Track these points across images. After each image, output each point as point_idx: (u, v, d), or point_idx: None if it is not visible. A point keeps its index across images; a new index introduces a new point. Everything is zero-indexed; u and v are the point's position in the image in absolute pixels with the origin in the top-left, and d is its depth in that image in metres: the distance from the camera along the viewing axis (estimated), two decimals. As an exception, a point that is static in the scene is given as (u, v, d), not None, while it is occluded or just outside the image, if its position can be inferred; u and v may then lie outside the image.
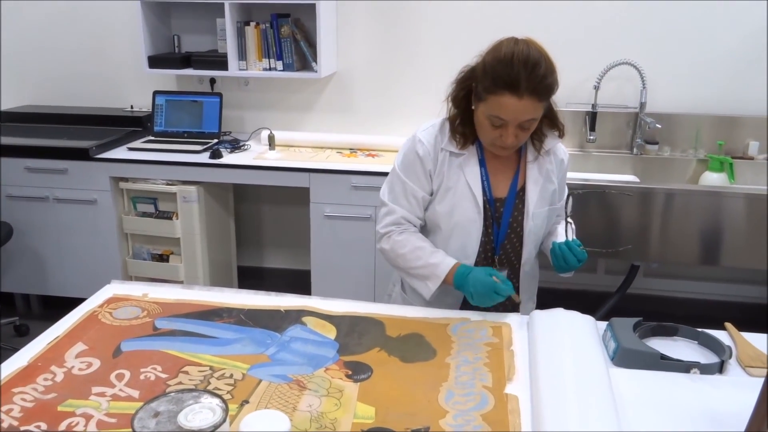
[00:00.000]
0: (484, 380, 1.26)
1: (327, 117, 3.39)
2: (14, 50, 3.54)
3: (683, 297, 3.31)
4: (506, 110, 1.46)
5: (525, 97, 1.44)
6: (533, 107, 1.46)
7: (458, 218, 1.63)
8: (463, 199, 1.62)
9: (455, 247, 1.65)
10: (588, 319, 1.44)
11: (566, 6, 3.03)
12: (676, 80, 3.05)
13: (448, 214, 1.63)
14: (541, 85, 1.45)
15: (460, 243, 1.65)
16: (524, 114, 1.47)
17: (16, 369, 1.28)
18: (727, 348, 1.34)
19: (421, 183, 1.65)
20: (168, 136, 3.23)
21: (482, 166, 1.63)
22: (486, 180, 1.63)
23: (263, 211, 3.60)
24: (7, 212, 3.08)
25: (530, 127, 1.52)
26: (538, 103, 1.47)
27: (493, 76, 1.45)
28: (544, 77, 1.45)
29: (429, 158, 1.63)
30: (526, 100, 1.44)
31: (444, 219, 1.64)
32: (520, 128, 1.50)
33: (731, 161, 2.91)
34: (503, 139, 1.51)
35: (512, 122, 1.48)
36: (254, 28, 3.09)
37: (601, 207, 2.63)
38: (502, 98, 1.45)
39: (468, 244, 1.64)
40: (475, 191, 1.61)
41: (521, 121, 1.48)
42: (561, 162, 1.70)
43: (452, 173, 1.63)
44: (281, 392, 1.22)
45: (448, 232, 1.65)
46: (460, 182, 1.62)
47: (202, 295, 1.63)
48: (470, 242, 1.64)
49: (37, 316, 3.36)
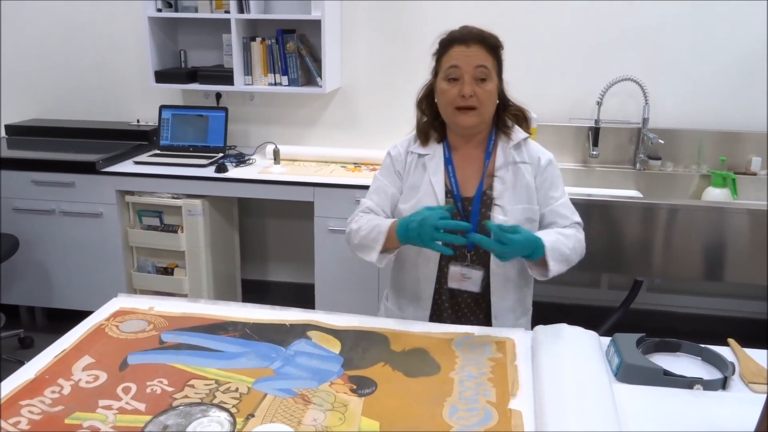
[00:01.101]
0: (488, 395, 1.27)
1: (331, 131, 3.41)
2: (22, 64, 3.58)
3: (686, 312, 3.31)
4: (458, 58, 1.60)
5: (471, 44, 1.60)
6: (482, 54, 1.60)
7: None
8: (425, 196, 1.67)
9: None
10: (591, 335, 1.44)
11: (569, 23, 3.05)
12: (679, 96, 3.07)
13: (412, 211, 1.64)
14: (483, 35, 1.62)
15: None
16: (475, 58, 1.59)
17: (24, 381, 1.29)
18: (730, 364, 1.34)
19: (392, 179, 1.75)
20: (174, 150, 3.25)
21: (449, 165, 1.69)
22: (453, 178, 1.68)
23: (268, 225, 3.62)
24: (14, 225, 3.10)
25: (486, 80, 1.60)
26: (486, 53, 1.60)
27: (440, 45, 1.65)
28: (485, 31, 1.63)
29: (399, 159, 1.75)
30: (473, 47, 1.60)
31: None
32: (477, 82, 1.59)
33: (734, 177, 2.92)
34: (463, 90, 1.59)
35: (466, 69, 1.59)
36: (260, 44, 3.12)
37: (605, 222, 2.64)
38: (452, 51, 1.61)
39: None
40: (436, 189, 1.66)
41: (474, 67, 1.59)
42: (537, 160, 1.70)
43: (417, 173, 1.71)
44: (286, 406, 1.22)
45: None
46: (424, 181, 1.69)
47: (208, 308, 1.64)
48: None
49: (42, 328, 3.37)
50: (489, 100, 1.62)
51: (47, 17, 3.48)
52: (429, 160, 1.70)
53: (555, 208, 1.69)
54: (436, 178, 1.68)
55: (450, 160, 1.70)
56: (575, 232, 1.68)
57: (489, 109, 1.64)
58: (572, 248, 1.62)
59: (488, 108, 1.63)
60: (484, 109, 1.62)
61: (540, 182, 1.69)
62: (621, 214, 2.63)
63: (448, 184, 1.68)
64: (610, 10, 3.01)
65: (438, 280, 1.70)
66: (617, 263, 2.71)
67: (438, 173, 1.69)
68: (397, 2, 3.15)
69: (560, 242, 1.58)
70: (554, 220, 1.69)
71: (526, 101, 3.10)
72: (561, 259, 1.58)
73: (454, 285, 1.67)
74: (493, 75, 1.62)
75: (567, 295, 3.36)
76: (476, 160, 1.70)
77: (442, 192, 1.67)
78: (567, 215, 1.70)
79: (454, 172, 1.69)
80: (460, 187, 1.68)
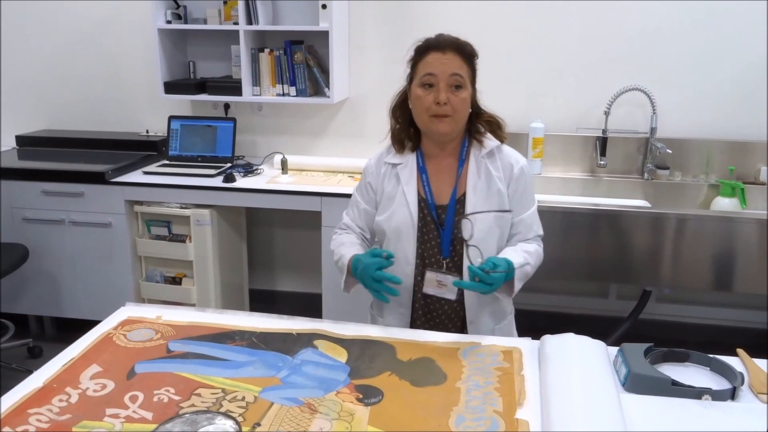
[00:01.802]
0: (495, 405, 1.26)
1: (339, 142, 3.43)
2: (32, 76, 3.62)
3: (696, 323, 3.29)
4: (433, 65, 1.60)
5: (447, 52, 1.61)
6: (458, 62, 1.61)
7: (396, 224, 1.69)
8: (400, 205, 1.70)
9: (397, 253, 1.68)
10: (599, 345, 1.44)
11: (576, 33, 3.06)
12: (687, 105, 3.06)
13: (387, 221, 1.71)
14: (459, 43, 1.62)
15: (401, 248, 1.69)
16: (450, 65, 1.60)
17: (32, 390, 1.30)
18: (739, 374, 1.33)
19: (362, 194, 1.80)
20: (182, 160, 3.27)
21: (423, 173, 1.71)
22: (427, 186, 1.70)
23: (275, 235, 3.63)
24: (24, 235, 3.12)
25: (461, 87, 1.61)
26: (461, 61, 1.61)
27: (416, 51, 1.66)
28: (461, 40, 1.64)
29: (370, 171, 1.78)
30: (449, 54, 1.60)
31: (385, 226, 1.72)
32: (451, 90, 1.60)
33: (743, 186, 2.91)
34: (438, 97, 1.59)
35: (442, 77, 1.60)
36: (268, 55, 3.14)
37: (613, 232, 2.63)
38: (427, 58, 1.62)
39: (407, 249, 1.69)
40: (409, 198, 1.68)
41: (449, 74, 1.59)
42: (510, 167, 1.70)
43: (392, 183, 1.73)
44: (292, 415, 1.22)
45: (390, 239, 1.72)
46: (399, 190, 1.71)
47: (215, 317, 1.65)
48: (408, 247, 1.69)
49: (51, 338, 3.39)
50: (463, 107, 1.63)
51: (57, 30, 3.52)
52: (402, 170, 1.72)
53: (523, 218, 1.72)
54: (409, 187, 1.70)
55: (424, 168, 1.72)
56: (537, 248, 1.73)
57: (463, 117, 1.65)
58: (534, 265, 1.69)
59: (462, 115, 1.65)
60: (458, 117, 1.63)
61: (512, 191, 1.70)
62: (629, 224, 2.62)
63: (422, 193, 1.70)
64: (618, 20, 3.01)
65: (415, 287, 1.72)
66: (626, 273, 2.70)
67: (411, 182, 1.70)
68: (405, 13, 3.17)
69: (527, 264, 1.65)
70: (519, 230, 1.73)
71: (533, 111, 3.15)
72: (524, 279, 1.67)
73: (431, 291, 1.68)
74: (468, 83, 1.63)
75: (575, 305, 3.34)
76: (450, 168, 1.72)
77: (415, 201, 1.69)
78: (532, 227, 1.74)
79: (428, 181, 1.71)
80: (434, 196, 1.70)
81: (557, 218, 2.66)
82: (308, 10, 3.14)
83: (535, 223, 1.75)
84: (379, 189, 1.76)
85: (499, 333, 1.73)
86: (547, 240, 2.68)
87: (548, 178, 3.11)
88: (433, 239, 1.68)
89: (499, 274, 1.52)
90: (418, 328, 1.72)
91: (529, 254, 1.67)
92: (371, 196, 1.78)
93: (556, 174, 3.14)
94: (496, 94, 3.18)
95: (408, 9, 3.17)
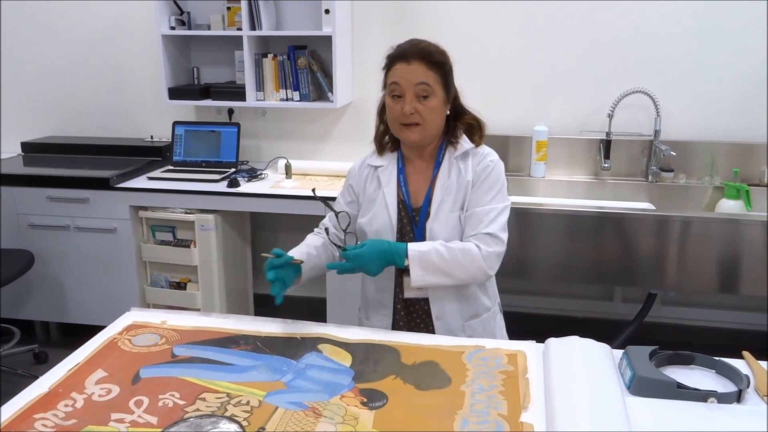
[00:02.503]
0: (499, 408, 1.26)
1: (342, 146, 3.43)
2: (37, 83, 3.64)
3: (701, 326, 3.27)
4: (399, 75, 1.61)
5: (413, 61, 1.60)
6: (423, 72, 1.59)
7: (376, 226, 1.71)
8: (380, 208, 1.71)
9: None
10: (603, 347, 1.43)
11: (579, 36, 3.06)
12: (691, 108, 3.06)
13: (369, 223, 1.73)
14: (425, 51, 1.61)
15: None
16: (415, 76, 1.59)
17: (37, 395, 1.30)
18: (745, 377, 1.32)
19: (344, 196, 1.82)
20: (187, 165, 3.28)
21: (402, 175, 1.73)
22: (405, 188, 1.72)
23: (280, 239, 3.63)
24: (29, 241, 3.14)
25: (428, 96, 1.60)
26: (428, 69, 1.60)
27: (386, 60, 1.66)
28: (429, 47, 1.63)
29: (353, 174, 1.81)
30: (414, 64, 1.60)
31: (366, 228, 1.73)
32: (418, 99, 1.60)
33: (747, 188, 2.90)
34: (404, 108, 1.60)
35: (407, 87, 1.60)
36: (272, 60, 3.15)
37: (617, 235, 2.63)
38: (395, 69, 1.62)
39: None
40: (388, 200, 1.70)
41: (414, 84, 1.59)
42: (479, 163, 1.69)
43: (373, 185, 1.75)
44: (297, 419, 1.22)
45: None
46: (379, 192, 1.73)
47: (220, 322, 1.65)
48: None
49: (56, 343, 3.39)
50: (432, 116, 1.62)
51: (62, 37, 3.54)
52: (382, 172, 1.74)
53: (475, 211, 1.64)
54: (389, 189, 1.72)
55: (403, 171, 1.74)
56: (466, 245, 1.60)
57: (433, 124, 1.64)
58: (449, 259, 1.58)
59: (432, 123, 1.64)
60: (427, 125, 1.63)
61: (474, 180, 1.67)
62: (634, 227, 2.61)
63: (401, 195, 1.71)
64: (621, 23, 3.01)
65: (396, 288, 1.73)
66: (630, 276, 2.70)
67: (390, 184, 1.72)
68: (408, 16, 3.18)
69: (434, 252, 1.58)
70: (467, 225, 1.65)
71: (537, 114, 3.15)
72: (431, 269, 1.58)
73: (411, 295, 1.70)
74: (437, 90, 1.61)
75: (580, 308, 3.34)
76: (426, 171, 1.73)
77: (394, 203, 1.70)
78: (481, 224, 1.62)
79: (406, 183, 1.72)
80: (412, 198, 1.72)
81: (562, 221, 2.66)
82: (311, 15, 3.16)
83: (486, 221, 1.62)
84: (360, 192, 1.78)
85: (469, 330, 1.72)
86: (551, 243, 2.70)
87: (552, 181, 3.11)
88: (410, 241, 1.69)
89: (363, 249, 1.56)
90: (400, 329, 1.74)
91: (446, 248, 1.59)
92: (352, 198, 1.80)
93: (561, 177, 3.14)
94: (499, 98, 3.22)
95: (411, 12, 3.17)
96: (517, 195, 3.11)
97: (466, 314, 1.74)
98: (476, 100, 1.78)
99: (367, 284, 1.81)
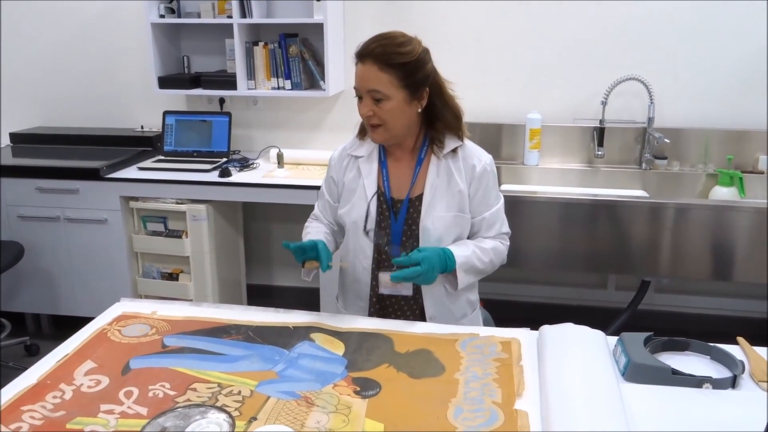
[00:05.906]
0: (494, 396, 1.25)
1: (335, 135, 3.41)
2: (26, 73, 3.59)
3: (695, 313, 3.28)
4: (357, 77, 1.59)
5: (367, 63, 1.55)
6: (374, 75, 1.54)
7: (354, 217, 1.70)
8: (359, 199, 1.70)
9: (356, 244, 1.70)
10: (598, 334, 1.42)
11: (573, 23, 3.04)
12: (684, 95, 3.05)
13: (348, 214, 1.72)
14: (382, 52, 1.53)
15: (359, 241, 1.70)
16: (367, 80, 1.56)
17: (26, 387, 1.28)
18: (740, 363, 1.32)
19: (327, 187, 1.80)
20: (178, 155, 3.25)
21: (384, 167, 1.71)
22: (386, 180, 1.70)
23: (272, 229, 3.61)
24: (19, 232, 3.10)
25: (383, 100, 1.56)
26: (379, 71, 1.54)
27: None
28: (386, 46, 1.54)
29: (333, 164, 1.78)
30: (367, 65, 1.55)
31: (346, 218, 1.72)
32: (374, 102, 1.57)
33: (741, 175, 2.90)
34: (360, 110, 1.60)
35: (362, 90, 1.58)
36: (263, 48, 3.12)
37: (611, 223, 2.62)
38: (356, 69, 1.59)
39: (364, 243, 1.70)
40: (368, 191, 1.69)
41: (367, 89, 1.56)
42: (472, 167, 1.67)
43: (353, 175, 1.73)
44: (289, 409, 1.21)
45: (350, 231, 1.72)
46: (359, 183, 1.71)
47: (211, 312, 1.63)
48: (365, 241, 1.69)
49: (48, 335, 3.37)
50: (390, 117, 1.59)
51: (50, 26, 3.49)
52: (363, 163, 1.72)
53: (485, 217, 1.70)
54: (369, 179, 1.70)
55: (384, 162, 1.71)
56: (496, 245, 1.70)
57: (396, 125, 1.61)
58: (488, 262, 1.67)
59: (394, 124, 1.60)
60: (389, 126, 1.60)
61: (473, 190, 1.68)
62: (627, 215, 2.61)
63: (382, 186, 1.70)
64: (614, 9, 2.99)
65: (373, 281, 1.72)
66: (624, 264, 2.69)
67: (371, 175, 1.70)
68: (400, 4, 3.15)
69: (474, 256, 1.64)
70: (480, 228, 1.71)
71: (530, 102, 3.13)
72: (472, 272, 1.65)
73: (387, 291, 1.69)
74: (392, 92, 1.55)
75: (573, 296, 3.34)
76: (408, 164, 1.71)
77: (373, 193, 1.68)
78: (494, 225, 1.71)
79: (387, 174, 1.70)
80: (392, 189, 1.70)
81: (555, 209, 2.65)
82: (302, 3, 3.12)
83: (498, 221, 1.72)
84: (340, 182, 1.76)
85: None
86: (545, 231, 2.69)
87: (546, 169, 3.10)
88: (388, 232, 1.68)
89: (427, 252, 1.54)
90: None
91: (482, 250, 1.66)
92: (334, 189, 1.78)
93: (554, 165, 3.13)
94: (492, 86, 3.21)
95: None
96: (511, 183, 3.10)
97: (457, 315, 1.74)
98: (469, 88, 1.77)
99: (345, 275, 1.80)
